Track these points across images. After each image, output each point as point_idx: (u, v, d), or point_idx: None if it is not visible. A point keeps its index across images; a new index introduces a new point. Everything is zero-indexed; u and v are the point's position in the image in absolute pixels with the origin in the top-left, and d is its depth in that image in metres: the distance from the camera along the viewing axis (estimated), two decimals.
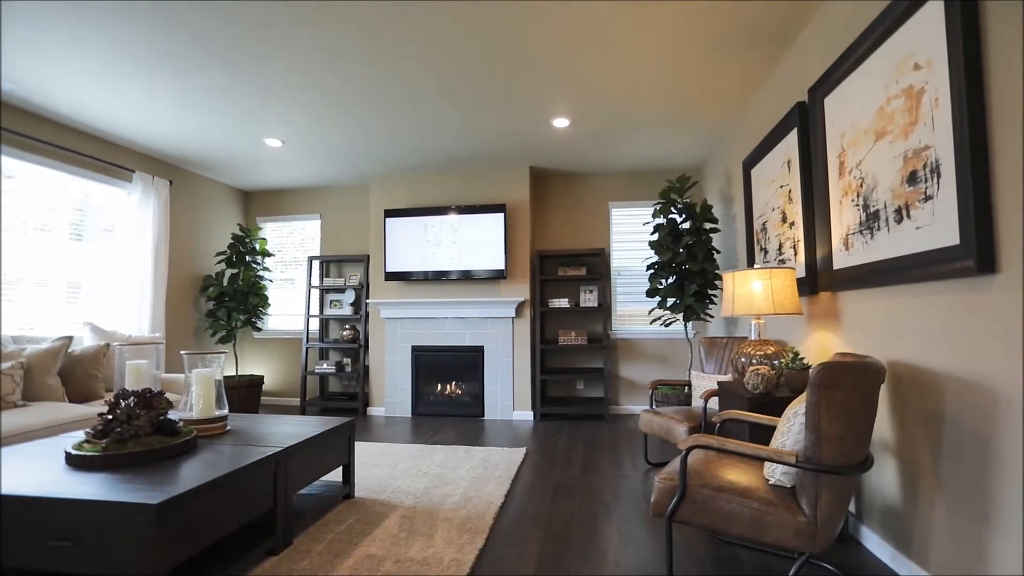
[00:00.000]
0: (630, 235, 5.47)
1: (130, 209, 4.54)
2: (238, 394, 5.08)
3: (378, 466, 3.33)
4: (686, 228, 4.29)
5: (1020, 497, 1.43)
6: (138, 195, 4.54)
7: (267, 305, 5.55)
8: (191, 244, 5.35)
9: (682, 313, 4.26)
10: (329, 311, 5.76)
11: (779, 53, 3.03)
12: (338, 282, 5.63)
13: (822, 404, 1.61)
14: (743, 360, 2.63)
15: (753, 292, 2.57)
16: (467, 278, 5.10)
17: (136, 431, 1.97)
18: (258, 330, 5.79)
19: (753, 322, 2.72)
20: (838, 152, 2.37)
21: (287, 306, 6.05)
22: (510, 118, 3.98)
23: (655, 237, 5.28)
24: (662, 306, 4.32)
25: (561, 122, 4.05)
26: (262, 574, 1.93)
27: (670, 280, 4.34)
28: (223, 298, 5.33)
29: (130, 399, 2.05)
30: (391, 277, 5.25)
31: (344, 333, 5.51)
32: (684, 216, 4.35)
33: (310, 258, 5.66)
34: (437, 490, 2.87)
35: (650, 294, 4.37)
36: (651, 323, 4.74)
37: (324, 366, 5.59)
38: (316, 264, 5.89)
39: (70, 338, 3.51)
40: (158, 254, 4.70)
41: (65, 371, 3.50)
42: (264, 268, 5.57)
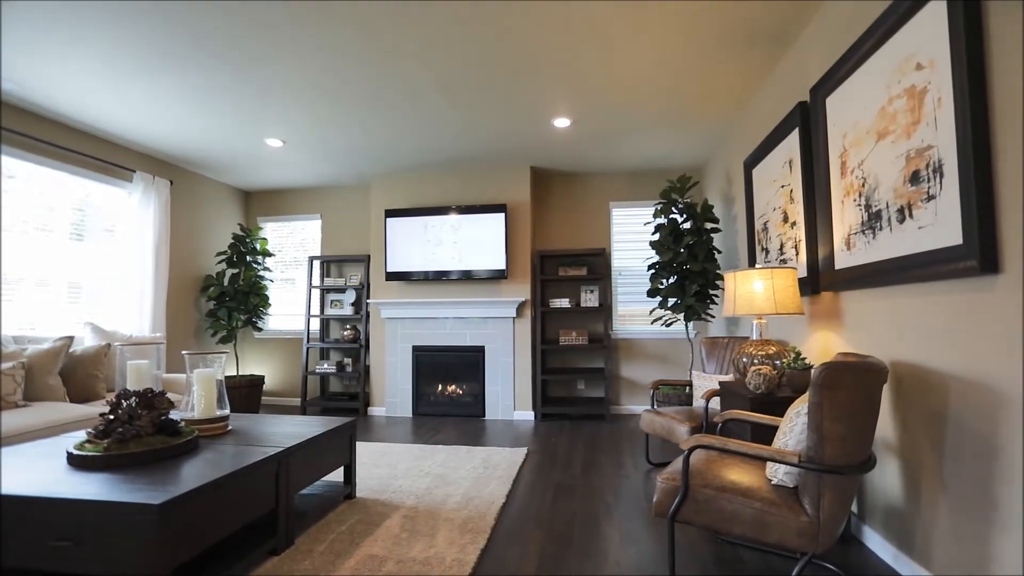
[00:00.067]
0: (631, 235, 5.46)
1: (131, 209, 4.54)
2: (239, 394, 5.08)
3: (379, 466, 3.33)
4: (687, 228, 4.29)
5: (1022, 497, 1.43)
6: (139, 195, 4.54)
7: (268, 305, 5.55)
8: (192, 244, 5.35)
9: (683, 313, 4.26)
10: (330, 311, 5.76)
11: (780, 53, 3.03)
12: (339, 282, 5.63)
13: (824, 404, 1.61)
14: (745, 360, 2.63)
15: (755, 292, 2.57)
16: (468, 278, 5.10)
17: (138, 431, 1.97)
18: (259, 330, 5.78)
19: (755, 322, 2.72)
20: (840, 152, 2.37)
21: (288, 306, 6.05)
22: (510, 118, 3.98)
23: (656, 237, 5.29)
24: (663, 306, 4.31)
25: (562, 122, 4.04)
26: (264, 574, 1.93)
27: (671, 280, 4.34)
28: (224, 298, 5.33)
29: (132, 399, 2.05)
30: (392, 277, 5.25)
31: (345, 333, 5.51)
32: (685, 216, 4.34)
33: (311, 258, 5.66)
34: (438, 490, 2.87)
35: (651, 294, 4.37)
36: (652, 323, 4.73)
37: (325, 366, 5.59)
38: (317, 264, 5.89)
39: (71, 338, 3.51)
40: (159, 254, 4.70)
41: (66, 371, 3.50)
42: (265, 268, 5.56)
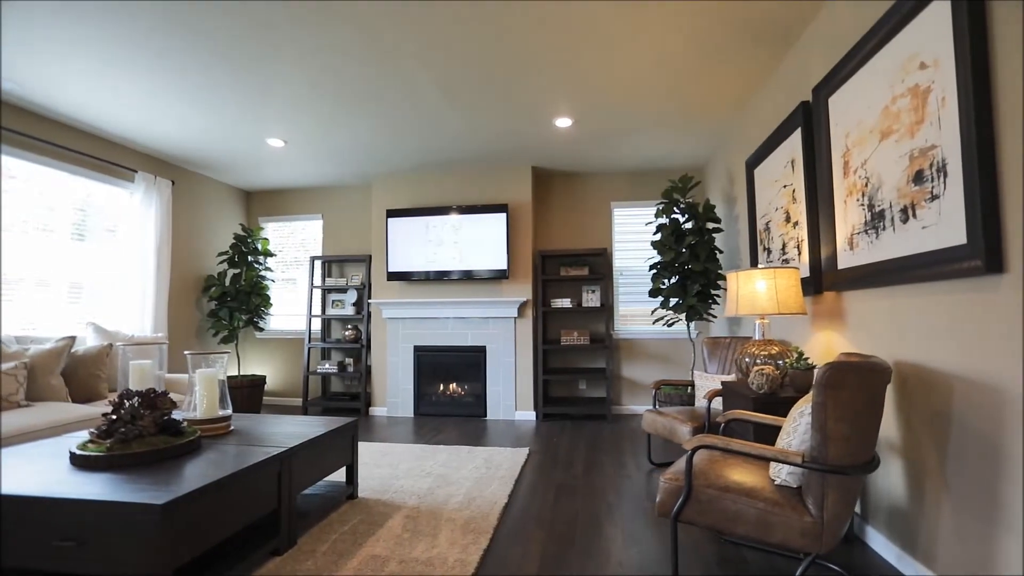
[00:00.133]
0: (632, 235, 5.46)
1: (132, 209, 4.54)
2: (241, 394, 5.08)
3: (381, 466, 3.32)
4: (689, 228, 4.28)
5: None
6: (140, 195, 4.55)
7: (269, 305, 5.55)
8: (193, 244, 5.35)
9: (685, 313, 4.25)
10: (331, 311, 5.76)
11: (782, 52, 3.02)
12: (340, 282, 5.63)
13: (828, 404, 1.61)
14: (747, 360, 2.62)
15: (757, 292, 2.57)
16: (469, 278, 5.09)
17: (140, 431, 1.97)
18: (260, 330, 5.78)
19: (757, 322, 2.71)
20: (843, 151, 2.36)
21: (289, 306, 6.05)
22: (511, 118, 3.98)
23: (657, 237, 5.28)
24: (665, 306, 4.31)
25: (563, 122, 4.04)
26: (266, 574, 1.92)
27: (673, 280, 4.33)
28: (225, 298, 5.34)
29: (134, 399, 2.04)
30: (393, 277, 5.25)
31: (346, 333, 5.50)
32: (687, 216, 4.34)
33: (312, 258, 5.66)
34: (440, 490, 2.86)
35: (652, 294, 4.36)
36: (653, 323, 4.73)
37: (326, 366, 5.59)
38: (318, 264, 5.89)
39: (73, 338, 3.51)
40: (160, 254, 4.70)
41: (68, 371, 3.50)
42: (266, 268, 5.56)
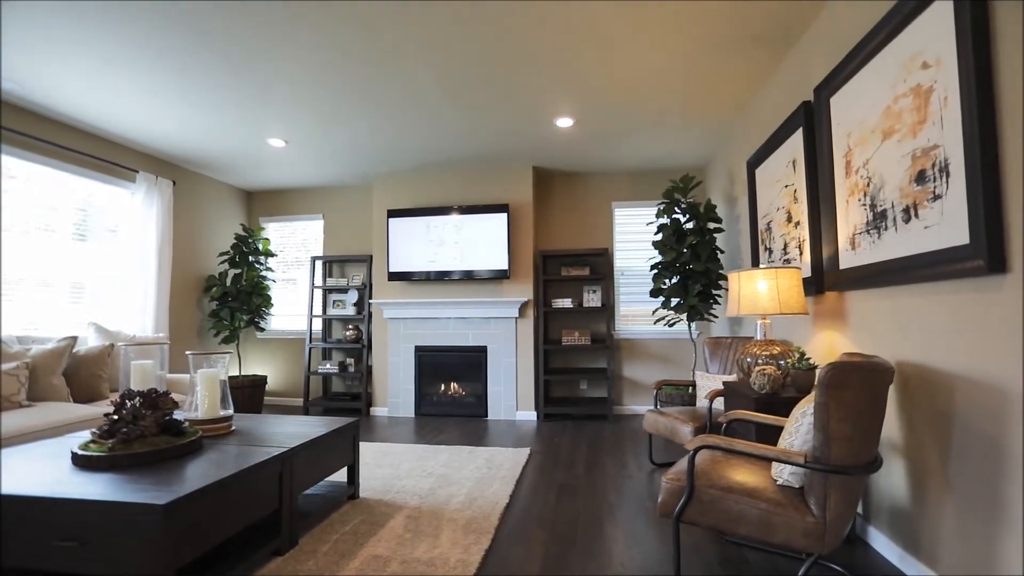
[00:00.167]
0: (633, 235, 5.45)
1: (134, 209, 4.54)
2: (242, 394, 5.08)
3: (382, 466, 3.32)
4: (690, 228, 4.28)
5: None
6: (142, 195, 4.55)
7: (270, 305, 5.55)
8: (194, 244, 5.36)
9: (686, 313, 4.25)
10: (332, 311, 5.76)
11: (783, 52, 3.02)
12: (341, 282, 5.63)
13: (831, 404, 1.60)
14: (749, 360, 2.62)
15: (759, 292, 2.56)
16: (470, 278, 5.09)
17: (142, 431, 1.97)
18: (261, 330, 5.78)
19: (759, 322, 2.71)
20: (844, 151, 2.36)
21: (290, 306, 6.06)
22: (512, 118, 3.98)
23: (659, 237, 5.28)
24: (666, 306, 4.30)
25: (564, 122, 4.04)
26: (268, 574, 1.92)
27: (674, 280, 4.33)
28: (226, 298, 5.34)
29: (136, 399, 2.05)
30: (394, 277, 5.25)
31: (347, 333, 5.51)
32: (688, 216, 4.33)
33: (313, 258, 5.66)
34: (442, 490, 2.86)
35: (654, 294, 4.36)
36: (655, 323, 4.73)
37: (327, 366, 5.59)
38: (319, 264, 5.89)
39: (75, 338, 3.51)
40: (162, 254, 4.70)
41: (70, 371, 3.50)
42: (267, 268, 5.56)
